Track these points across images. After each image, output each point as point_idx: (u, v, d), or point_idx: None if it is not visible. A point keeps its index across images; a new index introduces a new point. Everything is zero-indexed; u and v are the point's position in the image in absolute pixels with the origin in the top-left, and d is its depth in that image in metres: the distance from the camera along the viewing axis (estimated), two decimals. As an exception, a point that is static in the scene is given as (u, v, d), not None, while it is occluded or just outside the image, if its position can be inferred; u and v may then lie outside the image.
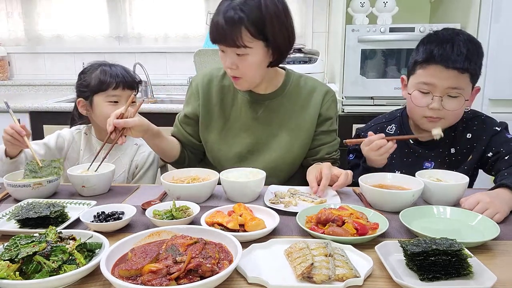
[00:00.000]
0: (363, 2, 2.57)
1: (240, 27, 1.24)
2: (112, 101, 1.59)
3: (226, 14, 1.24)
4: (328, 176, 1.28)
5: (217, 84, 1.51)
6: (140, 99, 3.19)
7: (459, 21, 2.47)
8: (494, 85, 2.37)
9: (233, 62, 1.31)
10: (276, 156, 1.47)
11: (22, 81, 3.46)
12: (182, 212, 1.05)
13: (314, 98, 1.50)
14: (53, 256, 0.79)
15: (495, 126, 1.43)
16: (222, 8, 1.26)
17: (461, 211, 1.08)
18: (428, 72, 1.33)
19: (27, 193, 1.23)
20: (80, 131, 1.70)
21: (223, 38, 1.27)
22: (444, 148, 1.46)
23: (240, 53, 1.29)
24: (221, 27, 1.25)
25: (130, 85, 1.63)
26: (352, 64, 2.48)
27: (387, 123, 1.55)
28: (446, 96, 1.33)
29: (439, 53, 1.30)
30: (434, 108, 1.34)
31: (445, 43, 1.31)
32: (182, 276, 0.74)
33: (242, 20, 1.24)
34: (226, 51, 1.31)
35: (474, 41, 1.35)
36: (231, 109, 1.50)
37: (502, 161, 1.33)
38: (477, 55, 1.32)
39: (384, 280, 0.80)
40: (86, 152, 1.66)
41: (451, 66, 1.28)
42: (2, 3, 3.42)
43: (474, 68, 1.31)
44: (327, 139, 1.52)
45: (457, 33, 1.35)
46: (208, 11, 3.05)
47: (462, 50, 1.29)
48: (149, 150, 1.68)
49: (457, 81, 1.30)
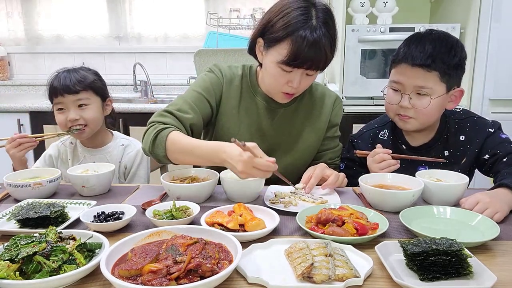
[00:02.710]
0: (363, 2, 2.57)
1: (330, 52, 1.27)
2: (58, 108, 1.59)
3: (324, 36, 1.23)
4: (318, 175, 1.30)
5: (238, 83, 1.46)
6: (140, 99, 3.22)
7: (459, 21, 2.47)
8: (494, 85, 2.37)
9: (299, 81, 1.30)
10: (287, 163, 1.46)
11: (22, 81, 3.47)
12: (182, 212, 1.05)
13: (325, 105, 1.50)
14: (53, 256, 0.79)
15: (488, 127, 1.42)
16: (312, 27, 1.22)
17: (461, 211, 1.08)
18: (397, 71, 1.37)
19: (27, 193, 1.23)
20: (64, 142, 1.71)
21: (317, 60, 1.25)
22: (438, 152, 1.45)
23: (311, 73, 1.30)
24: (323, 48, 1.23)
25: (70, 89, 1.54)
26: (352, 64, 2.48)
27: (379, 129, 1.55)
28: (414, 94, 1.34)
29: (404, 51, 1.34)
30: (403, 106, 1.36)
31: (412, 42, 1.34)
32: (182, 276, 0.74)
33: (331, 45, 1.26)
34: (298, 72, 1.28)
35: (447, 40, 1.34)
36: (248, 113, 1.46)
37: (501, 163, 1.33)
38: (447, 54, 1.31)
39: (384, 280, 0.80)
40: (75, 162, 1.66)
41: (414, 64, 1.30)
42: (2, 3, 3.42)
43: (441, 66, 1.30)
44: (331, 145, 1.53)
45: (431, 33, 1.35)
46: (208, 11, 3.05)
47: (427, 48, 1.30)
48: (136, 149, 1.68)
49: (423, 79, 1.31)
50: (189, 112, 1.34)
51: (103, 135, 1.69)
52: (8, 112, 2.74)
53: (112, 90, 3.17)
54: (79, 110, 1.57)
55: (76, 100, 1.56)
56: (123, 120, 2.60)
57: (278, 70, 1.28)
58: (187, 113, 1.33)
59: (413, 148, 1.46)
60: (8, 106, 2.73)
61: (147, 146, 1.27)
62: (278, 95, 1.37)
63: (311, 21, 1.22)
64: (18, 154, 1.50)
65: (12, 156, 1.51)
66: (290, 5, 1.25)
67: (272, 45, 1.27)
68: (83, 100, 1.57)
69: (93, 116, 1.59)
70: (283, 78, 1.29)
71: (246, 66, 1.49)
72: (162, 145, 1.24)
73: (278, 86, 1.33)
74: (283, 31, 1.22)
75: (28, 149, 1.52)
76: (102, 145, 1.68)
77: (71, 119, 1.55)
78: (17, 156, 1.51)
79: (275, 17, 1.26)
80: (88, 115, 1.57)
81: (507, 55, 2.33)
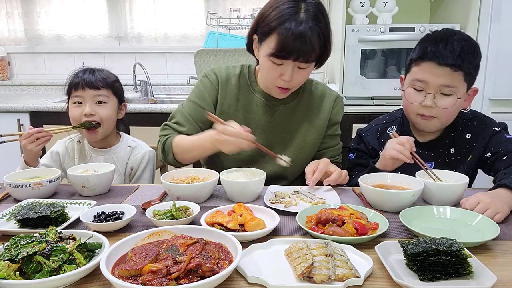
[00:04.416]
0: (363, 2, 2.57)
1: (318, 46, 1.27)
2: (75, 101, 1.60)
3: (311, 29, 1.24)
4: (322, 170, 1.32)
5: (235, 83, 1.49)
6: (140, 99, 3.22)
7: (459, 21, 2.47)
8: (494, 85, 2.37)
9: (290, 74, 1.31)
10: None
11: (22, 81, 3.47)
12: (182, 212, 1.05)
13: (325, 104, 1.51)
14: (53, 256, 0.79)
15: (495, 126, 1.43)
16: (298, 19, 1.24)
17: (461, 211, 1.08)
18: (421, 69, 1.34)
19: (27, 193, 1.23)
20: (72, 140, 1.71)
21: (303, 52, 1.26)
22: (444, 149, 1.46)
23: (303, 67, 1.31)
24: (309, 40, 1.24)
25: (92, 84, 1.58)
26: (352, 64, 2.48)
27: (387, 124, 1.56)
28: (439, 93, 1.33)
29: (432, 50, 1.32)
30: (427, 106, 1.34)
31: (439, 41, 1.32)
32: (182, 276, 0.74)
33: (320, 39, 1.27)
34: (289, 65, 1.29)
35: (471, 41, 1.35)
36: (246, 110, 1.48)
37: (501, 161, 1.33)
38: (472, 55, 1.32)
39: (384, 280, 0.80)
40: (81, 160, 1.67)
41: (443, 63, 1.29)
42: (2, 3, 3.42)
43: (467, 67, 1.30)
44: (332, 143, 1.55)
45: (454, 33, 1.35)
46: (208, 11, 3.05)
47: (456, 48, 1.30)
48: (143, 151, 1.69)
49: (450, 78, 1.31)
50: (184, 124, 1.46)
51: (112, 137, 1.70)
52: (8, 112, 2.74)
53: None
54: (96, 106, 1.59)
55: (95, 96, 1.58)
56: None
57: (269, 63, 1.31)
58: (183, 126, 1.46)
59: (420, 144, 1.46)
60: (8, 106, 2.73)
61: (160, 157, 1.46)
62: (274, 90, 1.40)
63: (299, 14, 1.24)
64: (35, 149, 1.49)
65: (30, 151, 1.48)
66: (279, 1, 1.28)
67: (263, 39, 1.31)
68: (102, 97, 1.59)
69: (108, 115, 1.60)
70: (275, 72, 1.32)
71: (245, 65, 1.52)
72: (170, 151, 1.41)
73: (272, 80, 1.35)
74: (270, 25, 1.26)
75: (44, 143, 1.51)
76: (110, 146, 1.68)
77: (87, 113, 1.56)
78: (34, 151, 1.49)
79: (266, 12, 1.30)
80: (103, 113, 1.59)
81: (507, 55, 2.33)
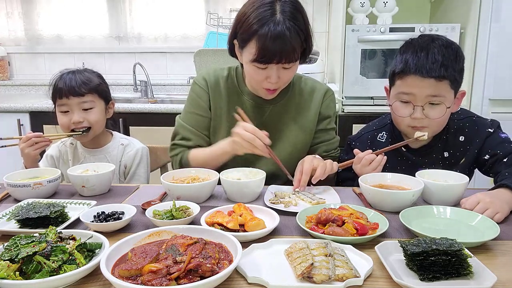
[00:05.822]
0: (363, 2, 2.57)
1: (299, 44, 1.27)
2: (62, 110, 1.58)
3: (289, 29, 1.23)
4: (307, 170, 1.29)
5: (223, 85, 1.49)
6: (140, 99, 3.22)
7: (459, 21, 2.47)
8: (494, 85, 2.37)
9: (276, 76, 1.31)
10: (280, 159, 1.46)
11: (22, 81, 3.47)
12: (182, 212, 1.05)
13: (315, 98, 1.51)
14: (53, 256, 0.79)
15: (488, 127, 1.41)
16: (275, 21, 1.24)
17: (461, 211, 1.08)
18: (406, 83, 1.32)
19: (27, 193, 1.24)
20: (64, 143, 1.71)
21: (285, 53, 1.26)
22: (437, 153, 1.45)
23: (288, 67, 1.30)
24: (289, 41, 1.23)
25: (76, 91, 1.54)
26: (352, 64, 2.48)
27: (377, 131, 1.54)
28: (427, 104, 1.31)
29: (414, 63, 1.28)
30: (417, 118, 1.32)
31: (419, 52, 1.29)
32: (182, 276, 0.74)
33: (300, 36, 1.26)
34: (273, 67, 1.29)
35: (452, 46, 1.32)
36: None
37: (501, 163, 1.33)
38: (455, 61, 1.30)
39: (384, 280, 0.80)
40: (75, 162, 1.67)
41: (427, 75, 1.26)
42: (2, 3, 3.42)
43: (452, 74, 1.28)
44: (325, 137, 1.53)
45: (433, 39, 1.33)
46: (208, 11, 3.05)
47: (437, 57, 1.27)
48: (135, 148, 1.69)
49: (436, 89, 1.28)
50: (191, 138, 1.49)
51: (103, 136, 1.69)
52: (8, 112, 2.74)
53: (112, 90, 3.12)
54: (83, 113, 1.57)
55: (81, 103, 1.56)
56: (123, 120, 2.59)
57: (253, 68, 1.31)
58: (189, 139, 1.48)
59: (413, 150, 1.46)
60: (8, 106, 2.73)
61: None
62: (262, 91, 1.40)
63: (275, 15, 1.23)
64: (33, 153, 1.49)
65: (27, 155, 1.49)
66: (254, 4, 1.27)
67: (243, 46, 1.30)
68: (87, 103, 1.57)
69: (97, 119, 1.59)
70: (261, 75, 1.32)
71: (232, 67, 1.52)
72: (189, 167, 1.42)
73: (258, 83, 1.36)
74: (249, 31, 1.25)
75: (42, 148, 1.52)
76: (102, 145, 1.68)
77: (75, 121, 1.56)
78: (32, 155, 1.50)
79: (243, 17, 1.28)
80: (92, 118, 1.58)
81: (507, 55, 2.32)
